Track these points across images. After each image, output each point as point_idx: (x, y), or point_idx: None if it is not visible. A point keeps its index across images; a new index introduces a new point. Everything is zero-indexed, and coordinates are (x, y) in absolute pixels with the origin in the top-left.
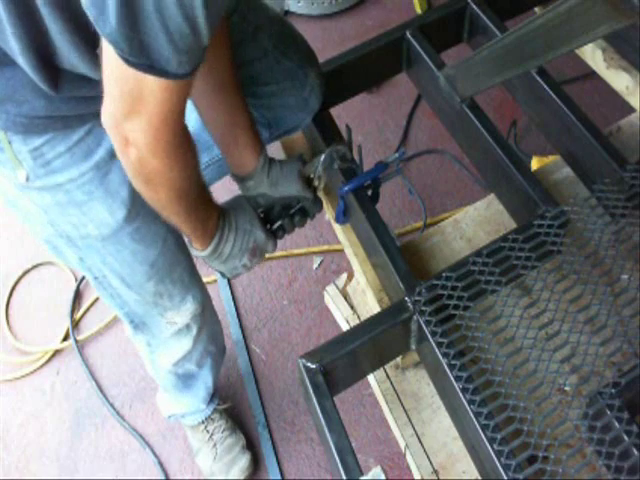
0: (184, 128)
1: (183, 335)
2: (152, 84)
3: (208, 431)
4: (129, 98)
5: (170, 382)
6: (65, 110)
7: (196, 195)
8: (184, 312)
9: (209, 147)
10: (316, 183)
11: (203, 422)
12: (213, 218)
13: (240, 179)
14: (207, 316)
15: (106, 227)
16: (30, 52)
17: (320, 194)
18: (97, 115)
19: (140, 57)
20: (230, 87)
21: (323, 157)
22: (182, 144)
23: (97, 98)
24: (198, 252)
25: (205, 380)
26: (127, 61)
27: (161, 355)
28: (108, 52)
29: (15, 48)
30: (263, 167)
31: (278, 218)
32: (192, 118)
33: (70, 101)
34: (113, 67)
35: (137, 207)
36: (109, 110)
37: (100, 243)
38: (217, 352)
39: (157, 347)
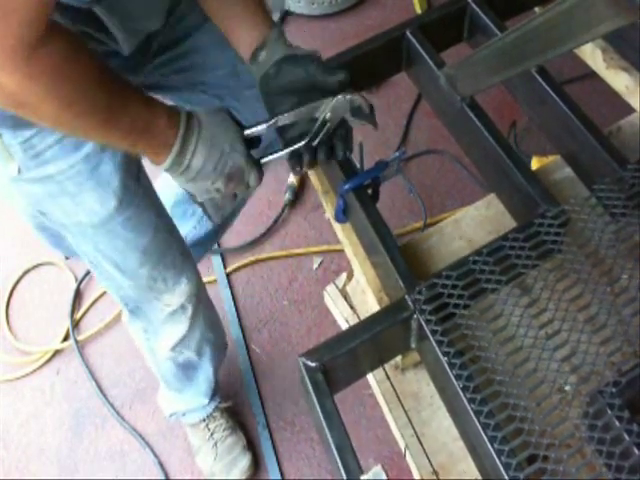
0: (45, 30)
1: (178, 317)
2: None
3: (209, 429)
4: None
5: (170, 372)
6: None
7: (105, 104)
8: (179, 293)
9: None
10: (319, 126)
11: (204, 420)
12: (159, 124)
13: (252, 57)
14: (202, 298)
15: (96, 216)
16: None
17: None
18: None
19: None
20: None
21: (335, 99)
22: (45, 52)
23: None
24: (157, 165)
25: (206, 371)
26: None
27: (158, 341)
28: None
29: None
30: (279, 37)
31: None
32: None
33: None
34: None
35: (129, 197)
36: None
37: (91, 230)
38: (216, 341)
39: (153, 333)
